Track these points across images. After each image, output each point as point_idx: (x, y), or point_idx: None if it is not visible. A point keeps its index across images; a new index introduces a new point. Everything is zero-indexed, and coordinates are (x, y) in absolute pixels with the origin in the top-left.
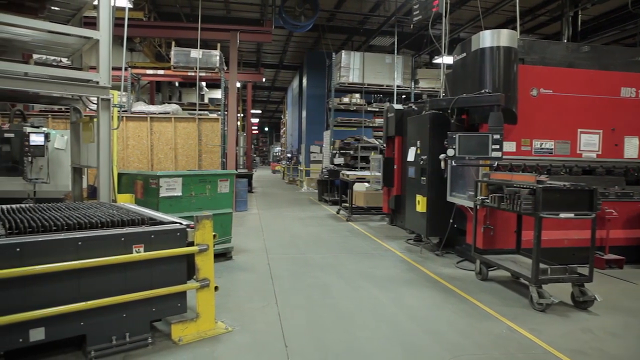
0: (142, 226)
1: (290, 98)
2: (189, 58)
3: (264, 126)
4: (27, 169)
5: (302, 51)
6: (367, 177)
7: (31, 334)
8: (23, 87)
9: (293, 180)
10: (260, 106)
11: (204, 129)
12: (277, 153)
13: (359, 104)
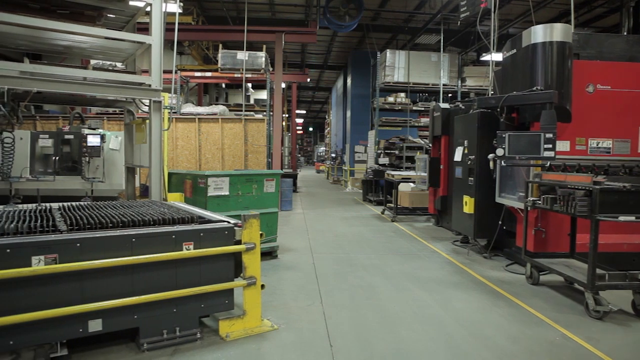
0: (191, 224)
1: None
2: (236, 60)
3: (309, 126)
4: (84, 169)
5: (347, 51)
6: (412, 177)
7: (90, 324)
8: (83, 91)
9: (337, 180)
10: (304, 106)
11: (250, 130)
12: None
13: (404, 104)
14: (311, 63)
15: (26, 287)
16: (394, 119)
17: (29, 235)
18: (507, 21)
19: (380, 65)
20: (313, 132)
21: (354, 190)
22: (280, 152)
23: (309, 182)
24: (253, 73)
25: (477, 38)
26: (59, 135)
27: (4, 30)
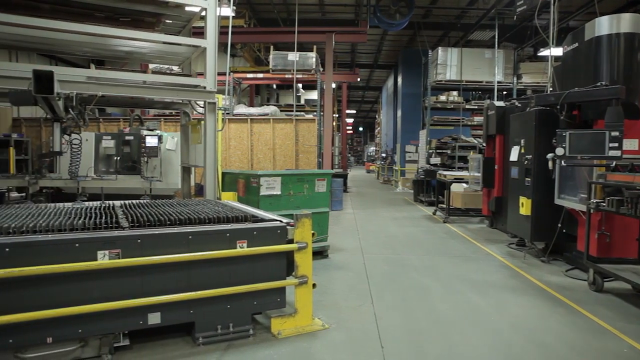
0: (245, 223)
1: (384, 97)
2: (287, 61)
3: (359, 126)
4: (143, 168)
5: (397, 50)
6: (465, 178)
7: (149, 317)
8: (143, 94)
9: (388, 180)
10: (354, 106)
11: (301, 130)
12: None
13: (456, 102)
14: (361, 62)
15: (93, 280)
16: (445, 118)
17: (95, 231)
18: (568, 13)
19: (431, 63)
20: (363, 131)
21: (404, 190)
22: (330, 152)
23: (359, 182)
24: (304, 74)
25: (534, 32)
26: (120, 137)
27: (73, 39)
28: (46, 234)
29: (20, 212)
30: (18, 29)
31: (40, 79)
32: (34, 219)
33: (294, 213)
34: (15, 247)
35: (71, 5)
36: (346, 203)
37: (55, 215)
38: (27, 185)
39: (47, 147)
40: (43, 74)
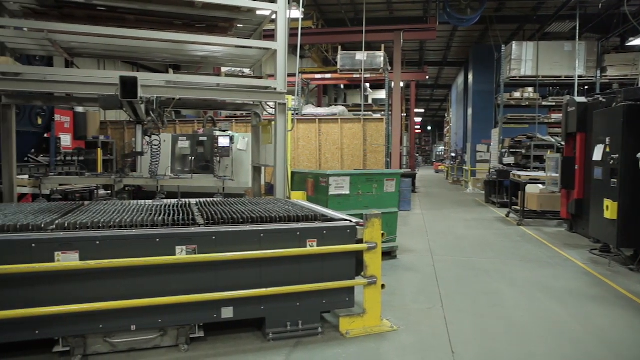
0: (315, 222)
1: (454, 95)
2: (354, 61)
3: (427, 125)
4: (216, 168)
5: (468, 46)
6: (541, 178)
7: (222, 311)
8: (217, 96)
9: (457, 180)
10: (423, 105)
11: (369, 129)
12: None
13: (532, 99)
14: (430, 60)
15: (171, 274)
16: (520, 116)
17: (174, 227)
18: None
19: (505, 58)
20: (431, 131)
21: (475, 191)
22: (398, 152)
23: (427, 182)
24: (372, 73)
25: (621, 20)
26: (195, 138)
27: (154, 46)
28: (130, 229)
29: (108, 209)
30: (107, 40)
31: (126, 84)
32: (119, 215)
33: (363, 213)
34: (105, 240)
35: (153, 15)
36: (414, 203)
37: (137, 212)
38: (112, 184)
39: (129, 148)
40: (128, 80)
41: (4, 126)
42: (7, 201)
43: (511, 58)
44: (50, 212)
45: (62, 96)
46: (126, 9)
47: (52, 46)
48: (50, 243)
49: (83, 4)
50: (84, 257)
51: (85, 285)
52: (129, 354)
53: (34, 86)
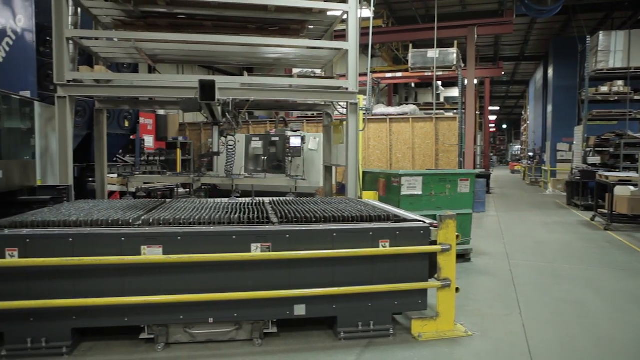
0: (387, 222)
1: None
2: (426, 58)
3: (502, 123)
4: (288, 167)
5: (547, 38)
6: (633, 179)
7: (295, 308)
8: (289, 97)
9: (535, 181)
10: (497, 102)
11: (441, 128)
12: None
13: (622, 93)
14: (505, 55)
15: (246, 270)
16: (607, 112)
17: (249, 225)
18: None
19: (590, 50)
20: (507, 129)
21: (555, 192)
22: (472, 151)
23: (502, 183)
24: (444, 70)
25: None
26: (267, 138)
27: (229, 50)
28: (209, 226)
29: (187, 206)
30: (186, 46)
31: (204, 87)
32: (198, 212)
33: (437, 214)
34: (185, 236)
35: (229, 20)
36: (489, 205)
37: (215, 210)
38: (191, 182)
39: (206, 148)
40: (207, 83)
41: (97, 129)
42: (99, 197)
43: (597, 49)
44: (137, 209)
45: (146, 100)
46: (204, 15)
47: (138, 54)
48: (138, 237)
49: (165, 13)
50: (167, 251)
51: (168, 278)
52: (206, 345)
53: (123, 91)
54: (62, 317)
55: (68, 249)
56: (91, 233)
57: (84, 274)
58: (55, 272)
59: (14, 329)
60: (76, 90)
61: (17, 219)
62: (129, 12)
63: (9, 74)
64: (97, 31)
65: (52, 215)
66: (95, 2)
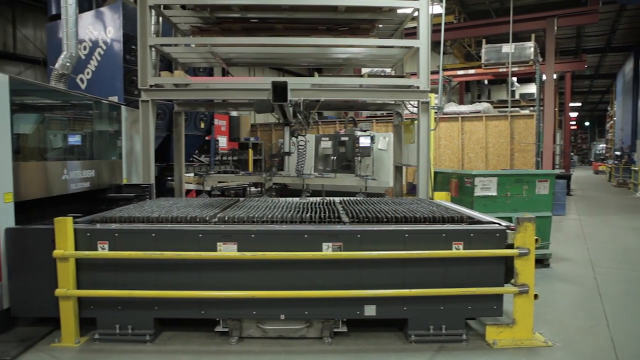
0: (461, 224)
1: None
2: (500, 54)
3: (584, 120)
4: (357, 167)
5: (638, 26)
6: None
7: (365, 309)
8: (359, 97)
9: (623, 182)
10: (579, 98)
11: (517, 127)
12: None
13: None
14: (588, 47)
15: (317, 269)
16: None
17: (320, 224)
18: None
19: None
20: (590, 127)
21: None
22: (551, 151)
23: (584, 184)
24: (520, 66)
25: None
26: (336, 138)
27: (299, 51)
28: (281, 224)
29: (260, 205)
30: (258, 48)
31: (277, 89)
32: (270, 211)
33: (514, 216)
34: (259, 234)
35: (299, 22)
36: (569, 207)
37: (286, 209)
38: (263, 182)
39: (276, 149)
40: (279, 85)
41: (175, 130)
42: (177, 196)
43: None
44: (212, 207)
45: (220, 102)
46: (276, 18)
47: (213, 58)
48: (214, 234)
49: (239, 18)
50: (241, 248)
51: (241, 274)
52: (278, 341)
53: (200, 94)
54: (146, 307)
55: (151, 243)
56: (172, 229)
57: (165, 267)
58: (140, 264)
59: (104, 315)
60: (158, 94)
61: (107, 215)
62: (205, 18)
63: (99, 81)
64: (176, 38)
65: (136, 211)
66: (175, 11)
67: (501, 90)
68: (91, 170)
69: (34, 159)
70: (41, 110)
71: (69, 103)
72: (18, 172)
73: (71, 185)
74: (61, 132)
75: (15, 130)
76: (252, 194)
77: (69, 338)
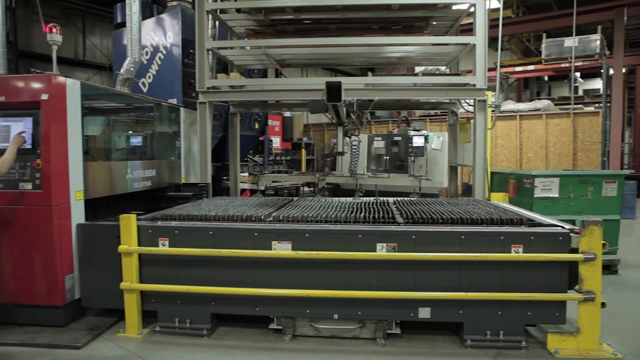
0: (520, 226)
1: None
2: (562, 48)
3: None
4: (410, 167)
5: None
6: None
7: (420, 311)
8: (414, 96)
9: None
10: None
11: (580, 125)
12: None
13: None
14: None
15: (371, 269)
16: None
17: (374, 224)
18: None
19: None
20: None
21: None
22: (619, 150)
23: None
24: (584, 60)
25: None
26: (389, 138)
27: (352, 51)
28: (335, 224)
29: (313, 204)
30: (312, 49)
31: (330, 89)
32: (324, 211)
33: (577, 219)
34: (313, 233)
35: (352, 22)
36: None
37: (340, 209)
38: (316, 181)
39: (328, 149)
40: (333, 85)
41: (231, 131)
42: (232, 194)
43: None
44: (267, 206)
45: (274, 102)
46: (329, 19)
47: (267, 59)
48: (269, 233)
49: (293, 20)
50: (296, 247)
51: (295, 273)
52: (330, 340)
53: (255, 95)
54: (203, 302)
55: (209, 240)
56: (228, 227)
57: (222, 264)
58: (198, 261)
59: (165, 309)
60: (214, 96)
61: (167, 212)
62: (259, 21)
63: (159, 85)
64: (232, 41)
65: (194, 209)
66: (231, 14)
67: (562, 87)
68: (152, 169)
69: (101, 159)
70: (107, 113)
71: (132, 106)
72: (87, 171)
73: (134, 184)
74: (125, 133)
75: (84, 132)
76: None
77: (133, 329)
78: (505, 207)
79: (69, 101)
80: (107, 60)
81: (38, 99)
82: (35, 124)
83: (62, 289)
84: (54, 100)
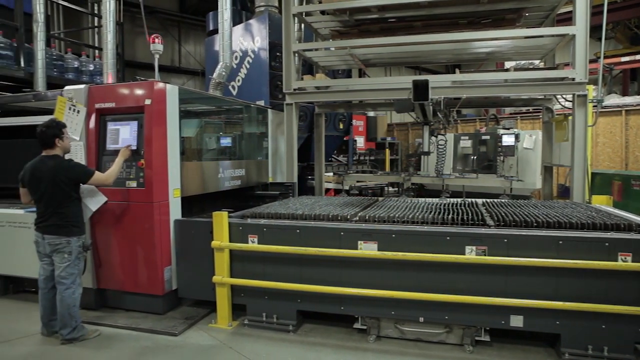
0: (629, 233)
1: None
2: None
3: None
4: (499, 167)
5: None
6: None
7: (511, 319)
8: (505, 92)
9: None
10: None
11: None
12: None
13: None
14: None
15: (459, 273)
16: None
17: (463, 226)
18: None
19: None
20: None
21: None
22: None
23: None
24: None
25: None
26: (477, 137)
27: (438, 48)
28: (422, 225)
29: (399, 205)
30: (396, 48)
31: (417, 87)
32: (410, 211)
33: None
34: (399, 234)
35: (438, 18)
36: None
37: (427, 209)
38: (401, 181)
39: (412, 148)
40: (420, 83)
41: (316, 131)
42: (317, 194)
43: None
44: (353, 206)
45: (358, 102)
46: (414, 16)
47: (352, 60)
48: (355, 233)
49: (377, 19)
50: (381, 247)
51: (381, 274)
52: (416, 344)
53: (340, 96)
54: (290, 298)
55: (296, 238)
56: (315, 226)
57: (308, 262)
58: (285, 258)
59: (253, 303)
60: (300, 97)
61: (256, 210)
62: (344, 21)
63: (248, 87)
64: (317, 42)
65: (282, 208)
66: (316, 17)
67: None
68: (241, 169)
69: (195, 159)
70: (201, 116)
71: (223, 108)
72: (183, 171)
73: (225, 183)
74: (216, 134)
75: (181, 134)
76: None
77: (223, 321)
78: (610, 211)
79: (169, 105)
80: (199, 66)
81: (142, 104)
82: (140, 127)
83: (162, 280)
84: (155, 105)
